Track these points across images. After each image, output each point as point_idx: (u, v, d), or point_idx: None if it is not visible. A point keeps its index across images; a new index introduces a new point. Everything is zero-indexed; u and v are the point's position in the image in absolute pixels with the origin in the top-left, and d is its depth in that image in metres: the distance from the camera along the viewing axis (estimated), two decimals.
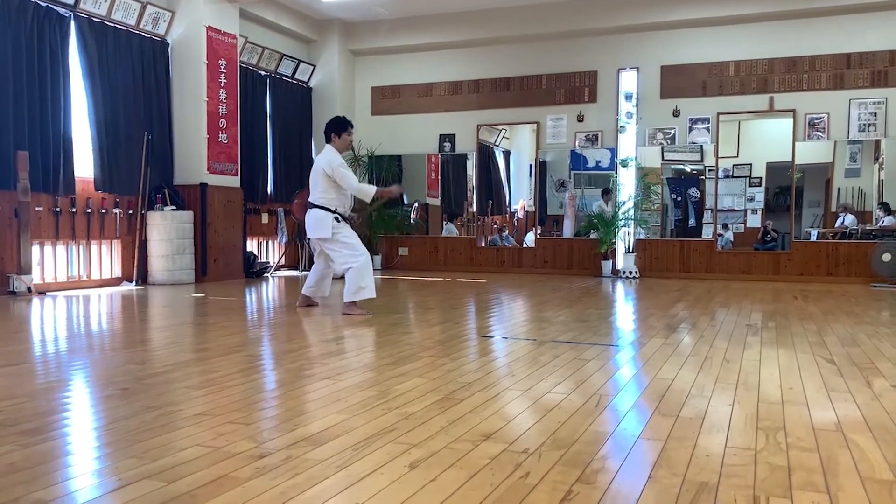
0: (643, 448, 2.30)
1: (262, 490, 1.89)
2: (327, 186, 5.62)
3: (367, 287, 5.58)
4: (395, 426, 2.50)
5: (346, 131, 5.73)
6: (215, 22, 8.79)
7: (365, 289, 5.58)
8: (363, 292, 5.58)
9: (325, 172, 5.61)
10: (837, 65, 9.18)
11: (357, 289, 5.57)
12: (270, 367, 3.76)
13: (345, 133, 5.73)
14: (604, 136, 10.22)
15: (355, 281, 5.56)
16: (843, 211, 9.56)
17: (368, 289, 5.59)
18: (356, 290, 5.57)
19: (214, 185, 8.81)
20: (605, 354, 3.98)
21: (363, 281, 5.57)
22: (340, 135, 5.72)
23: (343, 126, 5.74)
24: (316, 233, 5.67)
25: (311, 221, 5.70)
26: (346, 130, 5.74)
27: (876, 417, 2.66)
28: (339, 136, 5.71)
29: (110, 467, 2.10)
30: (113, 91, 7.97)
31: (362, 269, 5.57)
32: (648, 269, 9.95)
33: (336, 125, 5.75)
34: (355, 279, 5.56)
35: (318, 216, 5.63)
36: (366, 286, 5.58)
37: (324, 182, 5.63)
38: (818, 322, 5.33)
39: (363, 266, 5.58)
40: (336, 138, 5.71)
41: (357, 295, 5.58)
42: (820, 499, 1.86)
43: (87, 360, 3.92)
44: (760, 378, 3.36)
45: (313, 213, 5.66)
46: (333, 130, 5.73)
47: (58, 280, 7.59)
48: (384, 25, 10.97)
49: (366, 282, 5.57)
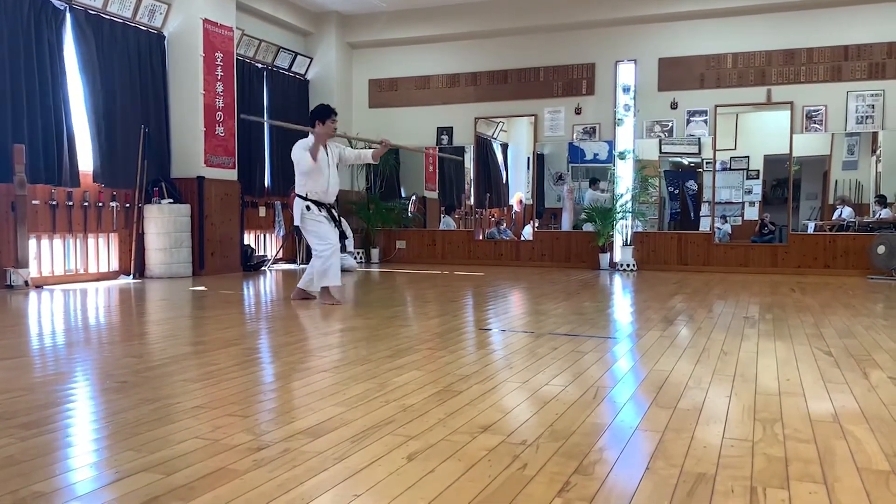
0: (641, 439, 2.30)
1: (260, 482, 1.89)
2: (300, 173, 5.79)
3: (330, 275, 5.76)
4: (393, 418, 2.50)
5: (329, 118, 5.73)
6: (212, 14, 8.75)
7: (326, 276, 5.76)
8: (325, 279, 5.76)
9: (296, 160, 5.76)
10: (835, 57, 9.17)
11: (320, 276, 5.76)
12: (268, 360, 3.76)
13: (328, 120, 5.73)
14: (601, 129, 10.21)
15: (318, 269, 5.77)
16: (840, 203, 9.57)
17: (331, 276, 5.77)
18: (320, 277, 5.77)
19: (211, 179, 8.79)
20: (603, 347, 3.99)
21: (328, 270, 5.75)
22: (325, 122, 5.72)
23: (327, 113, 5.75)
24: (295, 221, 5.91)
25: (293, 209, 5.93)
26: (330, 118, 5.74)
27: (873, 409, 2.67)
28: (324, 123, 5.72)
29: (108, 460, 2.10)
30: (109, 84, 7.94)
31: (327, 259, 5.74)
32: (646, 262, 9.96)
33: (320, 112, 5.77)
34: (319, 268, 5.76)
35: (295, 204, 5.84)
36: (329, 274, 5.76)
37: (297, 170, 5.80)
38: (815, 314, 5.34)
39: (329, 257, 5.75)
40: (320, 125, 5.72)
41: (321, 281, 5.77)
42: (817, 489, 1.87)
43: (85, 353, 3.92)
44: (758, 370, 3.36)
45: (294, 200, 5.89)
46: (318, 118, 5.75)
47: (55, 273, 7.58)
48: (381, 18, 10.94)
49: (331, 271, 5.75)
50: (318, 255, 5.77)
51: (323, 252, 5.74)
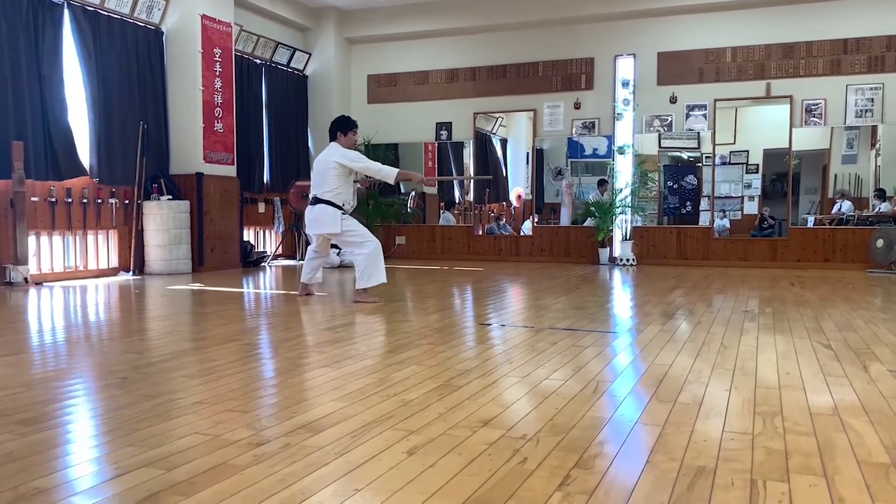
0: (641, 433, 2.30)
1: (260, 477, 1.90)
2: (339, 181, 5.70)
3: (377, 274, 5.67)
4: (394, 413, 2.50)
5: (351, 130, 5.85)
6: (210, 10, 8.74)
7: (374, 276, 5.66)
8: (373, 279, 5.66)
9: (339, 165, 5.67)
10: (834, 50, 9.16)
11: (368, 276, 5.65)
12: (268, 356, 3.76)
13: (350, 132, 5.84)
14: (601, 124, 10.20)
15: (366, 268, 5.65)
16: (839, 197, 9.56)
17: (378, 275, 5.67)
18: (367, 277, 5.65)
19: (210, 175, 8.78)
20: (603, 341, 3.99)
21: (374, 268, 5.65)
22: (346, 133, 5.82)
23: (349, 125, 5.85)
24: (322, 228, 5.76)
25: (316, 216, 5.75)
26: (352, 130, 5.86)
27: (872, 402, 2.67)
28: (346, 135, 5.81)
29: (109, 456, 2.10)
30: (107, 80, 7.93)
31: (372, 256, 5.66)
32: (645, 257, 9.96)
33: (342, 124, 5.86)
34: (366, 266, 5.65)
35: (326, 212, 5.69)
36: (377, 272, 5.66)
37: (335, 177, 5.69)
38: (815, 308, 5.34)
39: (373, 253, 5.67)
40: (342, 136, 5.81)
41: (368, 281, 5.66)
42: (817, 482, 1.87)
43: (85, 349, 3.92)
44: (758, 363, 3.37)
45: (319, 208, 5.72)
46: (340, 129, 5.83)
47: (54, 270, 7.57)
48: (380, 13, 10.92)
49: (377, 268, 5.66)
50: (361, 254, 5.67)
51: (366, 250, 5.65)
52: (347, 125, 5.86)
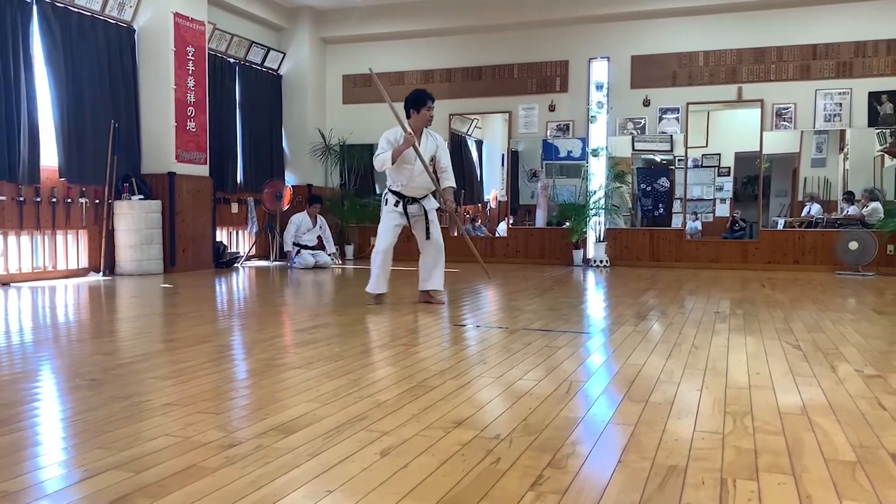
0: (613, 433, 2.32)
1: (232, 479, 1.88)
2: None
3: (370, 279, 5.55)
4: (367, 414, 2.50)
5: (424, 106, 5.38)
6: (182, 8, 8.65)
7: (370, 280, 5.57)
8: (369, 284, 5.57)
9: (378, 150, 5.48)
10: (804, 56, 9.30)
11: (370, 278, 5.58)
12: (241, 357, 3.73)
13: (423, 108, 5.38)
14: (575, 126, 10.26)
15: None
16: (809, 200, 9.71)
17: (370, 280, 5.56)
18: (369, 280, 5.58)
19: (183, 174, 8.69)
20: (576, 342, 4.01)
21: (371, 273, 5.56)
22: (420, 110, 5.39)
23: (422, 100, 5.39)
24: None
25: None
26: (426, 105, 5.38)
27: (840, 401, 2.71)
28: (419, 112, 5.40)
29: (77, 458, 2.07)
30: (77, 78, 7.81)
31: (372, 262, 5.56)
32: (619, 258, 10.03)
33: (414, 100, 5.43)
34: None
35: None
36: (370, 277, 5.56)
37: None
38: (785, 309, 5.42)
39: (373, 257, 5.57)
40: (415, 114, 5.41)
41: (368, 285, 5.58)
42: (785, 480, 1.90)
43: (54, 351, 3.86)
44: (728, 364, 3.40)
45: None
46: (412, 106, 5.44)
47: (22, 271, 7.44)
48: (355, 13, 10.89)
49: (371, 273, 5.55)
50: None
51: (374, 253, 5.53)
52: (419, 100, 5.36)
